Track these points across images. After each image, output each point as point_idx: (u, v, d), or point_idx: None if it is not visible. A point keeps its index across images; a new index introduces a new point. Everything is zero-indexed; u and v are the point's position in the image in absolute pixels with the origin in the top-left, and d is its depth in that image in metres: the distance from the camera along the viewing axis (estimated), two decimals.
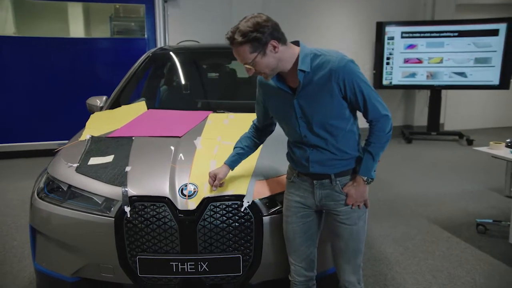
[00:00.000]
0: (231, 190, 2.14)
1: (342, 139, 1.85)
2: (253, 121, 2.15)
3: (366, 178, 1.87)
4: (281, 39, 1.75)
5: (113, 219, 2.09)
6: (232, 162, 2.11)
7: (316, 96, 1.79)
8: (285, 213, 2.00)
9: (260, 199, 2.14)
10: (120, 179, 2.21)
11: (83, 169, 2.32)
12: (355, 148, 1.90)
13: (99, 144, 2.59)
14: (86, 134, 2.73)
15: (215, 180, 2.08)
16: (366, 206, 1.95)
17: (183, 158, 2.36)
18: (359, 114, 1.88)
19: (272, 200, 2.17)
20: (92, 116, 3.12)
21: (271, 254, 2.16)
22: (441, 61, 6.74)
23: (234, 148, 2.13)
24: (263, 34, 1.69)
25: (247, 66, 1.74)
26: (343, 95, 1.79)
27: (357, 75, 1.76)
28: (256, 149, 2.18)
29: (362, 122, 1.88)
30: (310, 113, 1.81)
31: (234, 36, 1.69)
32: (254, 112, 2.16)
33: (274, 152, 2.36)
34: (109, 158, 2.41)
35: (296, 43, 1.82)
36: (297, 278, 2.04)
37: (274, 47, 1.72)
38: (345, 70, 1.74)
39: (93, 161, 2.40)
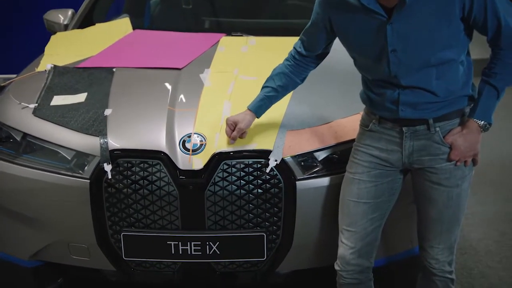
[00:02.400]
0: (252, 144, 2.18)
1: (451, 74, 1.87)
2: (294, 48, 2.14)
3: (482, 122, 1.90)
4: None
5: (88, 181, 2.15)
6: (259, 108, 2.14)
7: (425, 20, 1.79)
8: (351, 170, 2.05)
9: (293, 157, 2.18)
10: (97, 126, 2.24)
11: (44, 111, 2.35)
12: (467, 84, 1.92)
13: (65, 77, 2.62)
14: (45, 62, 2.75)
15: (234, 130, 2.12)
16: (475, 163, 1.97)
17: (184, 99, 2.39)
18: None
19: (311, 159, 2.22)
20: (53, 37, 3.13)
21: (307, 233, 2.20)
22: None
23: (262, 88, 2.14)
24: None
25: None
26: (463, 15, 1.80)
27: None
28: (295, 89, 2.21)
29: None
30: (410, 44, 1.82)
31: None
32: (285, 35, 2.18)
33: (316, 88, 2.38)
34: (80, 97, 2.44)
35: None
36: (347, 267, 2.07)
37: None
38: None
39: (58, 100, 2.44)
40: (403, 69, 1.86)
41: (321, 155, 2.23)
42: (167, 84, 2.51)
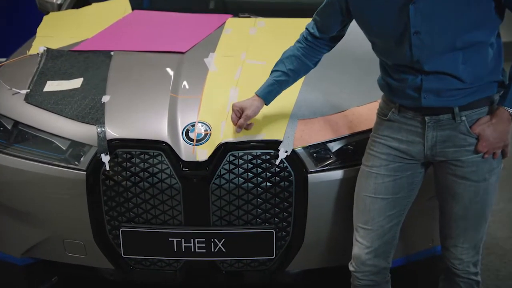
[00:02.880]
0: (261, 134, 2.18)
1: (479, 58, 1.85)
2: (306, 29, 2.12)
3: None
4: None
5: (84, 173, 2.16)
6: (268, 94, 2.13)
7: None
8: (367, 163, 2.04)
9: (305, 148, 2.18)
10: (93, 114, 2.25)
11: (36, 98, 2.36)
12: (497, 69, 1.90)
13: (59, 61, 2.62)
14: (38, 45, 2.75)
15: (240, 117, 2.11)
16: (504, 155, 1.96)
17: (188, 86, 2.39)
18: None
19: (324, 150, 2.22)
20: (46, 18, 3.13)
21: (319, 230, 2.21)
22: None
23: (272, 72, 2.13)
24: None
25: None
26: None
27: None
28: (306, 73, 2.20)
29: None
30: (435, 25, 1.80)
31: None
32: (297, 16, 2.16)
33: (329, 74, 2.37)
34: (75, 83, 2.44)
35: None
36: (362, 268, 2.06)
37: None
38: None
39: (51, 86, 2.44)
40: (426, 52, 1.84)
41: (334, 146, 2.23)
42: (169, 69, 2.51)
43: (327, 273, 2.36)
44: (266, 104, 2.14)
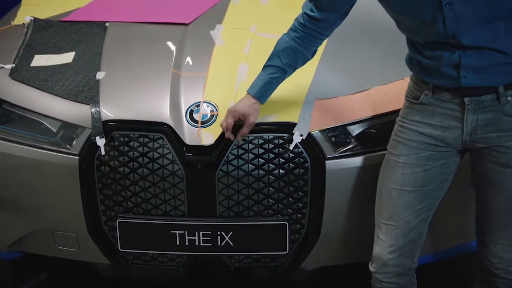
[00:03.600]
0: (273, 115, 2.18)
1: None
2: (304, 14, 2.05)
3: None
4: None
5: (77, 158, 2.17)
6: (264, 94, 2.11)
7: None
8: (393, 151, 2.01)
9: (322, 131, 2.18)
10: (87, 92, 2.25)
11: (23, 73, 2.36)
12: None
13: (48, 33, 2.62)
14: (23, 14, 2.76)
15: (239, 119, 2.08)
16: None
17: (192, 61, 2.39)
18: None
19: (343, 134, 2.21)
20: None
21: (337, 223, 2.22)
22: None
23: (265, 67, 2.11)
24: None
25: None
26: None
27: None
28: (303, 65, 2.16)
29: None
30: None
31: None
32: None
33: (349, 48, 2.36)
34: (66, 57, 2.45)
35: None
36: (384, 268, 2.03)
37: None
38: None
39: (39, 60, 2.44)
40: (462, 25, 1.80)
41: (355, 130, 2.23)
42: (171, 43, 2.50)
43: (346, 271, 2.37)
44: (261, 104, 2.12)
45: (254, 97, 2.10)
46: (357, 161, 2.18)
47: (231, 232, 2.18)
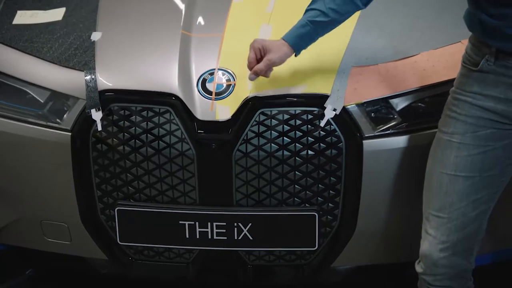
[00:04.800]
0: (301, 86, 2.17)
1: None
2: None
3: None
4: None
5: (69, 134, 2.18)
6: (299, 39, 2.08)
7: None
8: (446, 129, 1.98)
9: (359, 105, 2.17)
10: (80, 57, 2.25)
11: (3, 33, 2.41)
12: None
13: None
14: None
15: (260, 58, 2.06)
16: None
17: (204, 21, 2.38)
18: None
19: (385, 108, 2.20)
20: None
21: (377, 214, 2.23)
22: None
23: (306, 11, 2.09)
24: None
25: None
26: None
27: None
28: (352, 15, 2.12)
29: None
30: None
31: None
32: None
33: (392, 7, 2.34)
34: (56, 14, 2.45)
35: None
36: (434, 269, 2.01)
37: None
38: None
39: (23, 17, 2.45)
40: None
41: (400, 103, 2.21)
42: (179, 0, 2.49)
43: (387, 272, 2.39)
44: (296, 54, 2.10)
45: (286, 42, 2.07)
46: (401, 141, 2.17)
47: (250, 224, 2.19)
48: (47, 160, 2.22)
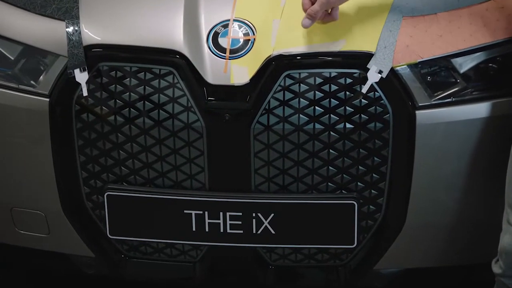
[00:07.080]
0: (339, 41, 2.16)
1: None
2: None
3: None
4: None
5: (47, 100, 2.21)
6: None
7: None
8: None
9: (412, 66, 2.17)
10: (60, 2, 2.26)
11: None
12: None
13: None
14: None
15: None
16: None
17: None
18: None
19: (445, 70, 2.20)
20: None
21: (433, 205, 2.24)
22: None
23: None
24: None
25: None
26: None
27: None
28: None
29: None
30: None
31: None
32: None
33: None
34: None
35: None
36: None
37: None
38: None
39: None
40: None
41: (464, 64, 2.20)
42: None
43: (447, 277, 2.36)
44: None
45: None
46: (467, 111, 2.18)
47: (272, 215, 2.21)
48: (19, 133, 2.26)
